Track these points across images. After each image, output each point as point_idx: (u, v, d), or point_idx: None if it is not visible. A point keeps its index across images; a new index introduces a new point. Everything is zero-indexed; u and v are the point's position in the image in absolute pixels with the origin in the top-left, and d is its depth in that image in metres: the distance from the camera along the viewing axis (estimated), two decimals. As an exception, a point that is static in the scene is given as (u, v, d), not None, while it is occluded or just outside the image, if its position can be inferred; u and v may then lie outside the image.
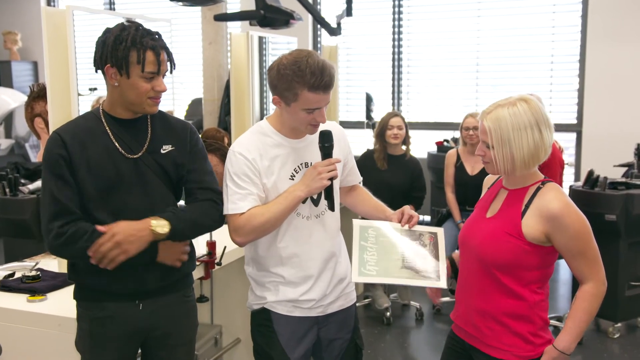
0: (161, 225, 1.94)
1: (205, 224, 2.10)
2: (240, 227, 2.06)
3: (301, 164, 2.15)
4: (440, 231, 2.17)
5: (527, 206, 1.93)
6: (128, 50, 1.90)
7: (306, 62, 1.98)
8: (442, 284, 2.02)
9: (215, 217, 2.11)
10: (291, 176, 2.13)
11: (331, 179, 2.07)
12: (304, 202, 2.13)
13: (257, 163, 2.08)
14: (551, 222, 1.89)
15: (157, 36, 1.97)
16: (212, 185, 2.13)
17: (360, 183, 2.45)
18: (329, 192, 2.11)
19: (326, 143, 2.10)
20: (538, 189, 1.95)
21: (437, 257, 2.09)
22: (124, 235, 1.89)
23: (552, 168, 4.03)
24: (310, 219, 2.17)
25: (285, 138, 2.14)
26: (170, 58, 2.00)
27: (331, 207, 2.15)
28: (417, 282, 2.06)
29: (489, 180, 2.21)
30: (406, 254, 2.09)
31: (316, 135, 2.13)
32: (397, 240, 2.14)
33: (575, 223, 1.89)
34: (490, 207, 2.06)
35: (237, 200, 2.06)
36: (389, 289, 4.74)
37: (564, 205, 1.90)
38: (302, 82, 1.97)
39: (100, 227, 1.91)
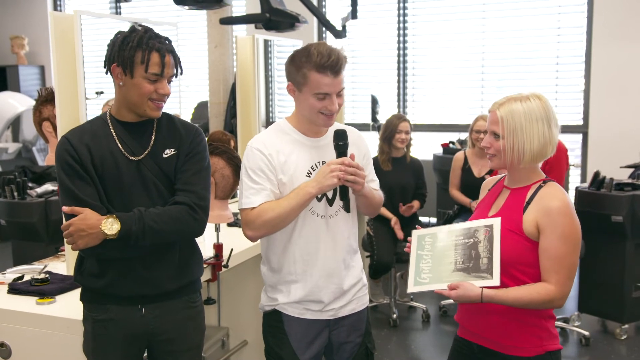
0: (110, 226, 1.89)
1: (169, 230, 1.97)
2: (251, 221, 2.08)
3: (319, 162, 2.15)
4: (496, 222, 2.01)
5: (528, 203, 1.95)
6: (134, 50, 1.93)
7: (316, 46, 2.05)
8: (495, 281, 1.91)
9: (186, 224, 2.00)
10: (308, 173, 2.13)
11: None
12: (319, 200, 2.14)
13: (274, 159, 2.10)
14: (546, 217, 1.90)
15: (166, 41, 1.99)
16: (196, 188, 2.03)
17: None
18: (344, 192, 2.10)
19: (340, 141, 2.09)
20: (540, 187, 1.97)
21: (491, 252, 1.97)
22: (75, 228, 1.89)
23: (555, 168, 3.99)
24: (324, 217, 2.16)
25: (304, 136, 2.16)
26: (177, 63, 2.02)
27: (346, 208, 2.14)
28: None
29: (488, 183, 2.21)
30: (459, 257, 2.01)
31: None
32: (452, 243, 2.05)
33: (567, 226, 1.90)
34: (492, 207, 2.07)
35: (251, 195, 2.09)
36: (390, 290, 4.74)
37: (564, 205, 1.91)
38: (309, 62, 2.02)
39: (65, 208, 1.92)
